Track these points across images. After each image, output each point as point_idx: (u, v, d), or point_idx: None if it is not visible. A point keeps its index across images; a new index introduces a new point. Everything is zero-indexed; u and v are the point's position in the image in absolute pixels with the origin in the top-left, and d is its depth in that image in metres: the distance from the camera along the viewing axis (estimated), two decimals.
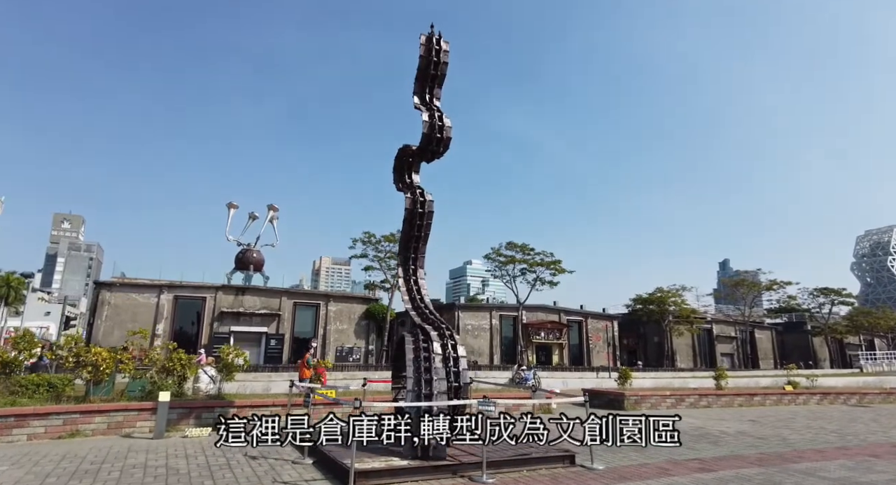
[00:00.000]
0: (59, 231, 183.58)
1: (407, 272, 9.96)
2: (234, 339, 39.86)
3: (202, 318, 38.84)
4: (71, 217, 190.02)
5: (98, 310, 35.25)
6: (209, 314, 39.26)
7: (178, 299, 38.25)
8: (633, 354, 61.93)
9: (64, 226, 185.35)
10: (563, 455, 8.09)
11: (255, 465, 7.46)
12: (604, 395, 16.70)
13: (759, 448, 10.15)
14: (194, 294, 38.86)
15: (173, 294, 37.92)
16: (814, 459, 9.22)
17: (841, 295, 60.59)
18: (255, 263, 43.72)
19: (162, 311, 37.21)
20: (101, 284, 36.69)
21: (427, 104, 9.78)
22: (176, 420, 9.86)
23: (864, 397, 20.76)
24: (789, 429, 12.93)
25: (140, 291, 36.92)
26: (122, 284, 36.80)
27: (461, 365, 8.29)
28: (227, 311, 39.54)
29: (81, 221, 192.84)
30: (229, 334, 39.57)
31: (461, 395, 8.02)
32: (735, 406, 18.06)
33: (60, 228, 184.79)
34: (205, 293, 39.05)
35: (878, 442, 11.30)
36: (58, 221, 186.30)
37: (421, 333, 8.68)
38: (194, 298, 38.82)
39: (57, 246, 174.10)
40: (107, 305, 35.47)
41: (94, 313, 35.61)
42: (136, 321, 36.48)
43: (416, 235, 9.83)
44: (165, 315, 37.33)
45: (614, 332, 56.96)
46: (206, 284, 39.44)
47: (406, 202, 9.73)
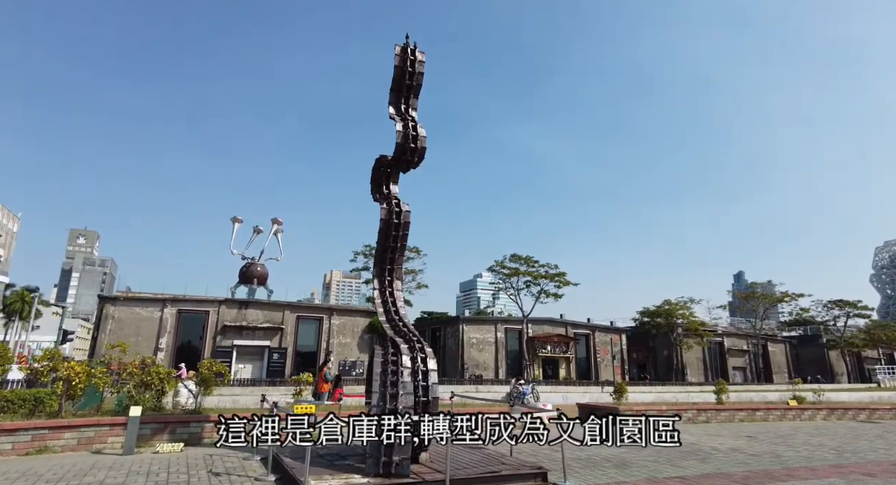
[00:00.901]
0: (74, 246, 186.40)
1: (382, 284, 9.81)
2: (237, 353, 39.93)
3: (205, 332, 38.93)
4: (86, 232, 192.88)
5: (102, 324, 35.46)
6: (212, 328, 39.32)
7: (182, 313, 38.38)
8: (643, 368, 60.92)
9: (79, 241, 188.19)
10: (534, 472, 7.81)
11: (216, 482, 7.27)
12: (599, 409, 16.27)
13: (749, 466, 9.76)
14: (197, 308, 38.97)
15: (177, 308, 38.07)
16: (803, 477, 8.83)
17: (857, 307, 59.17)
18: (259, 276, 43.86)
19: (165, 325, 37.33)
20: (104, 298, 36.95)
21: (402, 114, 9.71)
22: (150, 435, 9.72)
23: (874, 413, 20.07)
24: (786, 445, 12.47)
25: (143, 305, 37.11)
26: (125, 298, 37.05)
27: (431, 379, 8.07)
28: (230, 325, 39.58)
29: (96, 236, 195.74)
30: (232, 348, 39.60)
31: (429, 410, 7.79)
32: (736, 421, 17.54)
33: (76, 243, 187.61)
34: (208, 307, 39.14)
35: (878, 460, 10.83)
36: (73, 236, 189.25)
37: (391, 347, 8.51)
38: (197, 312, 38.93)
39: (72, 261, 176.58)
40: (110, 319, 35.68)
41: (97, 328, 35.81)
42: (139, 335, 36.67)
43: (391, 246, 9.71)
44: (169, 329, 37.44)
45: (622, 345, 56.13)
46: (210, 298, 39.56)
47: (381, 213, 9.62)
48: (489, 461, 8.27)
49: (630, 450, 11.15)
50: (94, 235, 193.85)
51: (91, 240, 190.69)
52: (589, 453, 10.64)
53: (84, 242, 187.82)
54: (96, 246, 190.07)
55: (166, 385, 10.78)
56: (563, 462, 7.87)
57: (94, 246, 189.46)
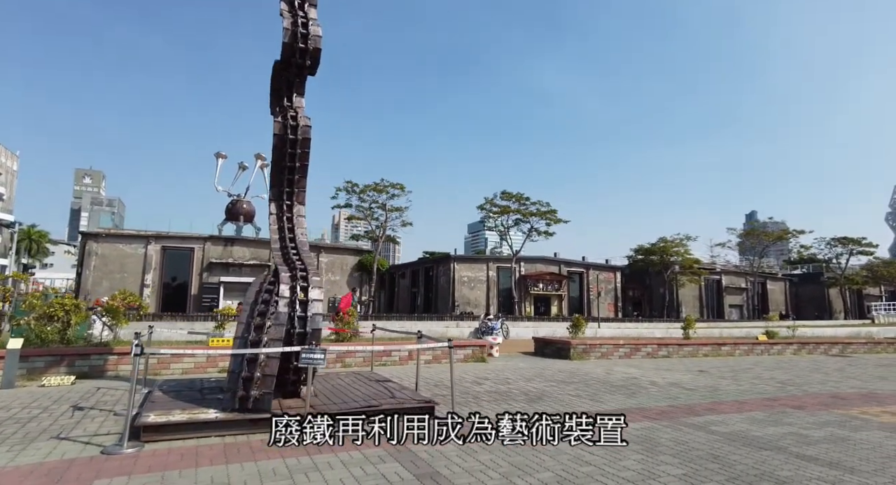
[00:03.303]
0: (81, 186, 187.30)
1: (280, 209, 8.96)
2: (224, 289, 40.09)
3: (191, 268, 38.93)
4: (92, 172, 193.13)
5: (86, 261, 35.46)
6: (198, 264, 39.31)
7: (167, 250, 38.23)
8: (639, 306, 60.99)
9: (85, 181, 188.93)
10: (420, 406, 7.25)
11: (69, 416, 6.82)
12: (553, 344, 15.86)
13: (677, 401, 9.21)
14: (182, 245, 38.77)
15: (161, 245, 37.89)
16: (724, 411, 8.26)
17: (860, 244, 57.78)
18: (246, 214, 42.80)
19: (150, 261, 37.29)
20: (87, 234, 36.73)
21: (293, 10, 8.47)
22: (43, 368, 9.32)
23: (847, 347, 19.53)
24: (733, 380, 11.93)
25: (127, 241, 36.93)
26: (108, 234, 36.84)
27: (313, 310, 7.36)
28: (216, 262, 39.49)
29: (102, 176, 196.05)
30: (219, 285, 39.74)
31: (307, 342, 7.14)
32: (699, 356, 17.09)
33: (82, 183, 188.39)
34: (193, 244, 38.92)
35: (818, 393, 10.27)
36: (79, 176, 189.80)
37: (272, 276, 7.80)
38: (182, 249, 38.76)
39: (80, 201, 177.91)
40: (94, 255, 35.62)
41: (81, 264, 35.88)
42: (125, 272, 36.77)
43: (289, 166, 8.77)
44: (154, 265, 37.43)
45: (616, 283, 55.86)
46: (194, 235, 39.23)
47: (274, 127, 8.59)
48: (379, 395, 7.74)
49: (559, 384, 10.67)
50: (100, 175, 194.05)
51: (97, 180, 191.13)
52: (515, 387, 10.17)
53: (90, 182, 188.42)
54: (103, 186, 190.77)
55: (73, 317, 10.30)
56: (451, 396, 7.29)
57: (101, 186, 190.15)
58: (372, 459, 5.24)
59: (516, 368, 13.26)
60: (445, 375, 11.42)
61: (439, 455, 5.40)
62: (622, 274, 57.73)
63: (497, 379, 11.13)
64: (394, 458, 5.28)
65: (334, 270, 43.96)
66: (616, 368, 13.55)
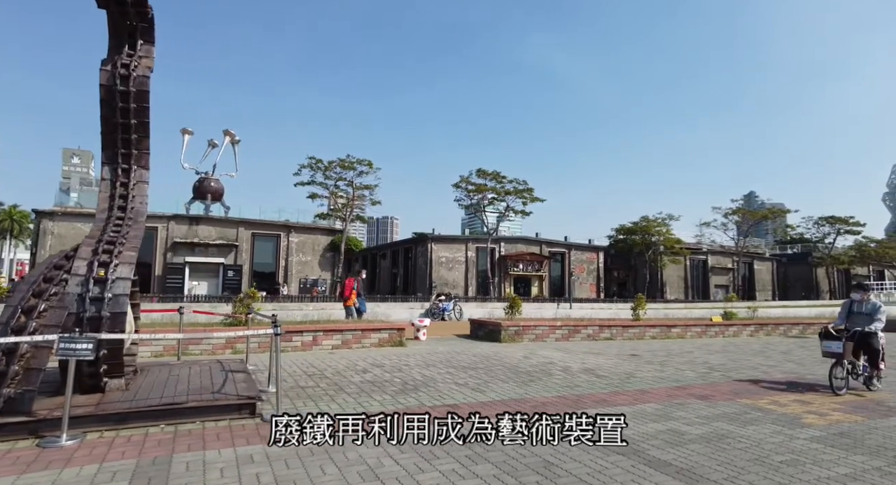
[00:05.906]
0: (69, 166, 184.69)
1: (114, 173, 7.80)
2: (189, 269, 39.08)
3: (155, 248, 37.85)
4: (80, 152, 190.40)
5: (40, 240, 34.34)
6: (162, 244, 38.26)
7: None
8: (623, 286, 60.14)
9: (73, 161, 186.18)
10: (239, 404, 6.20)
11: None
12: (485, 325, 14.83)
13: (573, 391, 8.16)
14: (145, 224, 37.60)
15: None
16: (616, 403, 7.23)
17: (848, 223, 56.75)
18: (213, 192, 42.04)
19: None
20: (41, 213, 35.46)
21: None
22: None
23: (808, 328, 18.52)
24: (660, 365, 10.91)
25: (85, 220, 35.69)
26: (63, 213, 35.65)
27: (114, 290, 6.23)
28: (180, 241, 38.44)
29: (91, 156, 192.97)
30: (184, 265, 38.74)
31: (102, 329, 6.03)
32: (646, 339, 16.09)
33: (70, 163, 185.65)
34: (156, 223, 37.75)
35: (741, 379, 9.26)
36: (67, 156, 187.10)
37: (72, 251, 6.68)
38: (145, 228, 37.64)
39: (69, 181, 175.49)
40: (49, 234, 34.49)
41: (35, 244, 34.75)
42: None
43: (122, 124, 7.56)
44: None
45: (599, 263, 54.93)
46: (157, 214, 38.00)
47: (101, 76, 7.31)
48: (203, 390, 6.68)
49: (458, 370, 9.66)
50: (89, 155, 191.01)
51: (86, 160, 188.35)
52: (404, 375, 9.14)
53: (79, 162, 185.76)
54: (91, 166, 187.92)
55: None
56: (277, 394, 6.23)
57: (90, 166, 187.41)
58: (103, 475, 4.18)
59: (433, 352, 12.24)
60: (342, 362, 10.42)
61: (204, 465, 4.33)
62: (606, 254, 56.81)
63: (393, 366, 10.10)
64: (139, 475, 4.21)
65: (305, 250, 42.90)
66: (541, 351, 12.53)
